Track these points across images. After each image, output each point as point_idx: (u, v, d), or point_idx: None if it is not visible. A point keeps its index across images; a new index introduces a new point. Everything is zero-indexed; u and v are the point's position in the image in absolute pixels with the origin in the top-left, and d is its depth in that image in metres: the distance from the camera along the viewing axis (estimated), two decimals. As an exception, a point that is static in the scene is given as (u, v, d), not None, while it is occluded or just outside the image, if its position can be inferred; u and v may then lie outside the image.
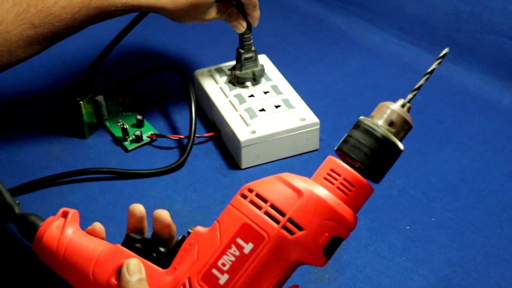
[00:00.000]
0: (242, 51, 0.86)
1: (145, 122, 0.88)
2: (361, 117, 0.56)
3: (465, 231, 0.75)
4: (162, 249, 0.59)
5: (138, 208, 0.61)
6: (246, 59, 0.86)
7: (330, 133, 0.86)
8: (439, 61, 0.57)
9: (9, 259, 0.71)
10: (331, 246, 0.54)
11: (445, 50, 0.57)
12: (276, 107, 0.84)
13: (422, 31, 1.01)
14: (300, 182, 0.54)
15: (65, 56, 0.99)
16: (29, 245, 0.64)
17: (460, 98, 0.93)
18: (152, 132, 0.87)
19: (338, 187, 0.54)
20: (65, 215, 0.63)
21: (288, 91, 0.87)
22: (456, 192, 0.79)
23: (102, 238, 0.63)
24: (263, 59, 0.92)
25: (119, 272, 0.58)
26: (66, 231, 0.62)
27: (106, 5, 0.73)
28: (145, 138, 0.86)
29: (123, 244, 0.60)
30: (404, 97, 0.56)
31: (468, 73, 0.96)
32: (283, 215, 0.53)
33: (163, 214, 0.60)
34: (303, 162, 0.83)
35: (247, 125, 0.82)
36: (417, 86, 0.57)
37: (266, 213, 0.53)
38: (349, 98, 0.93)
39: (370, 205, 0.77)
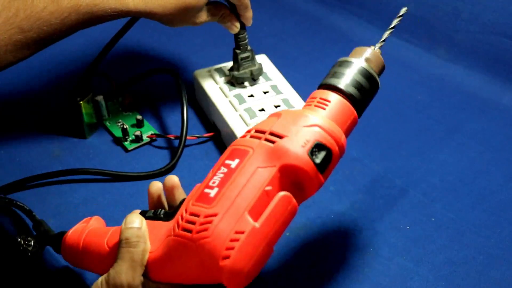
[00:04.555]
0: (238, 51, 0.86)
1: (145, 122, 0.88)
2: (340, 58, 0.62)
3: (465, 231, 0.75)
4: (162, 214, 0.60)
5: (155, 186, 0.64)
6: (243, 59, 0.86)
7: (330, 133, 0.86)
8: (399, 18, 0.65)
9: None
10: (319, 155, 0.55)
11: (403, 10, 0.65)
12: (276, 107, 0.84)
13: (422, 31, 1.01)
14: (283, 110, 0.59)
15: (65, 56, 0.99)
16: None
17: (460, 98, 0.93)
18: (152, 132, 0.87)
19: (315, 106, 0.59)
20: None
21: (288, 91, 0.87)
22: (456, 192, 0.79)
23: None
24: (263, 59, 0.92)
25: None
26: (89, 224, 0.64)
27: (95, 10, 0.73)
28: (145, 138, 0.86)
29: None
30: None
31: (468, 73, 0.96)
32: (264, 133, 0.57)
33: (172, 178, 0.63)
34: (303, 162, 0.83)
35: (247, 125, 0.82)
36: (391, 26, 0.65)
37: (252, 137, 0.57)
38: (349, 98, 0.93)
39: (370, 205, 0.78)
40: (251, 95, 0.86)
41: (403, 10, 0.65)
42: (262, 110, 0.84)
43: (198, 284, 0.57)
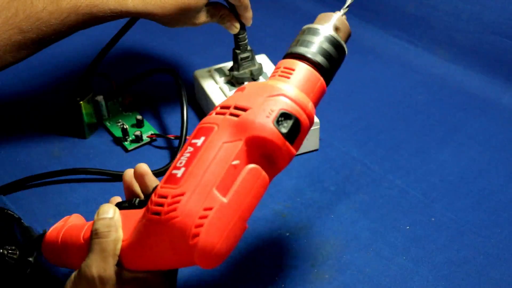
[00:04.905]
0: (238, 51, 0.86)
1: (145, 122, 0.88)
2: (306, 25, 0.60)
3: (465, 231, 0.75)
4: (136, 202, 0.59)
5: (127, 174, 0.63)
6: (242, 59, 0.86)
7: (330, 133, 0.86)
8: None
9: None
10: (285, 124, 0.54)
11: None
12: (276, 107, 0.84)
13: (422, 31, 1.01)
14: (247, 83, 0.57)
15: (65, 56, 0.99)
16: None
17: (460, 98, 0.93)
18: (152, 132, 0.87)
19: (279, 75, 0.57)
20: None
21: (288, 91, 0.87)
22: (456, 192, 0.79)
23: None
24: (263, 59, 0.92)
25: None
26: (68, 221, 0.63)
27: (94, 11, 0.73)
28: (145, 138, 0.86)
29: None
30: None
31: (468, 73, 0.96)
32: (229, 108, 0.55)
33: (141, 166, 0.62)
34: (303, 162, 0.83)
35: (247, 125, 0.82)
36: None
37: (216, 114, 0.55)
38: (349, 98, 0.93)
39: (370, 205, 0.78)
40: (251, 95, 0.86)
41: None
42: (262, 110, 0.83)
43: (176, 268, 0.56)
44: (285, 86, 0.55)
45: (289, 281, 0.70)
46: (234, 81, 0.88)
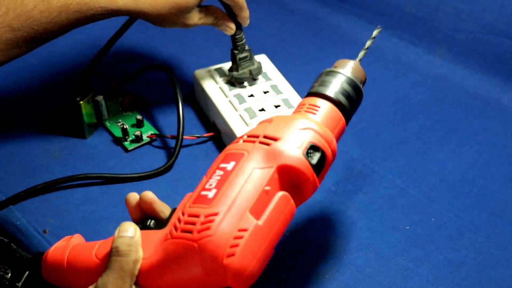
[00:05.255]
0: (236, 51, 0.86)
1: (145, 122, 0.88)
2: (326, 69, 0.64)
3: (465, 231, 0.75)
4: (154, 223, 0.59)
5: (132, 197, 0.62)
6: (241, 59, 0.86)
7: (330, 133, 0.86)
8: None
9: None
10: (314, 157, 0.56)
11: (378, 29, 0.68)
12: (276, 107, 0.84)
13: (422, 31, 1.01)
14: (274, 116, 0.60)
15: (65, 56, 0.99)
16: None
17: (460, 98, 0.93)
18: (152, 132, 0.87)
19: (305, 111, 0.60)
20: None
21: (288, 91, 0.87)
22: (456, 192, 0.79)
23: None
24: (262, 59, 0.92)
25: None
26: (71, 241, 0.62)
27: (85, 9, 0.74)
28: (145, 138, 0.86)
29: None
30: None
31: (468, 73, 0.96)
32: (258, 137, 0.57)
33: (147, 194, 0.61)
34: (303, 162, 0.83)
35: (247, 125, 0.82)
36: (365, 46, 0.67)
37: (244, 141, 0.58)
38: (349, 98, 0.93)
39: (370, 205, 0.78)
40: (251, 95, 0.86)
41: (376, 32, 0.68)
42: (262, 110, 0.84)
43: None
44: (312, 121, 0.58)
45: (289, 281, 0.70)
46: (234, 81, 0.88)
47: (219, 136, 0.87)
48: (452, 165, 0.83)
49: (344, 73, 0.63)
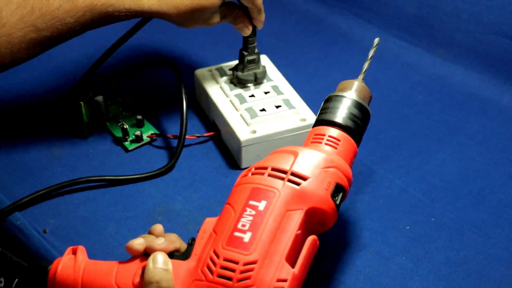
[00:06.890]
0: (245, 53, 0.86)
1: (145, 122, 0.88)
2: (331, 94, 0.66)
3: (465, 231, 0.75)
4: (178, 253, 0.59)
5: (138, 245, 0.59)
6: (249, 61, 0.86)
7: (330, 133, 0.86)
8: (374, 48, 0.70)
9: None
10: (338, 197, 0.59)
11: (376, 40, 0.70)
12: (277, 107, 0.84)
13: (422, 31, 1.01)
14: (291, 147, 0.61)
15: (65, 56, 0.99)
16: None
17: (460, 98, 0.93)
18: (152, 132, 0.87)
19: (326, 144, 0.62)
20: (74, 252, 0.62)
21: (289, 91, 0.87)
22: (456, 192, 0.79)
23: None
24: (263, 59, 0.92)
25: (143, 272, 0.57)
26: (79, 258, 0.60)
27: (110, 10, 0.73)
28: (145, 138, 0.86)
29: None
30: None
31: (468, 73, 0.96)
32: (285, 172, 0.58)
33: (157, 228, 0.61)
34: (303, 162, 0.83)
35: (247, 125, 0.82)
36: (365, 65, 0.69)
37: (270, 176, 0.58)
38: (349, 98, 0.93)
39: (370, 205, 0.78)
40: (252, 95, 0.86)
41: (376, 41, 0.70)
42: (263, 110, 0.84)
43: None
44: (336, 158, 0.61)
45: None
46: (236, 81, 0.87)
47: (219, 136, 0.87)
48: (452, 165, 0.83)
49: (349, 96, 0.65)
